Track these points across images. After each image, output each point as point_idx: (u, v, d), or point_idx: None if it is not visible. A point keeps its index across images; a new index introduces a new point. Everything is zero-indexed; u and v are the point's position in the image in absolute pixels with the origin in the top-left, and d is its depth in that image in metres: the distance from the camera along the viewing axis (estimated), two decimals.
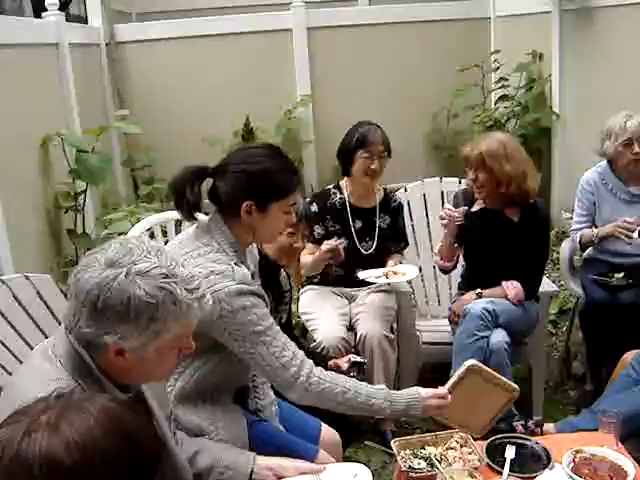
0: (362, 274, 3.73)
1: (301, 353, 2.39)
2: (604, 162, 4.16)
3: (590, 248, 4.28)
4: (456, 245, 3.85)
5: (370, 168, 3.80)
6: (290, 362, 2.32)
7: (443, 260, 3.87)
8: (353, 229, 3.89)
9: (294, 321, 4.29)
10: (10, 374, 2.72)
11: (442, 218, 3.71)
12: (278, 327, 2.39)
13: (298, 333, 4.16)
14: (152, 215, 4.28)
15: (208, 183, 2.48)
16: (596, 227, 4.13)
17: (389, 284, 3.96)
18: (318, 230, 3.88)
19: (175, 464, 1.96)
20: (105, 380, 1.68)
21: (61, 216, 4.66)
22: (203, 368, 2.42)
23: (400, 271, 3.77)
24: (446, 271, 4.02)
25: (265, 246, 3.07)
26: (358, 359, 3.16)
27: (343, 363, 3.11)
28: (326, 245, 3.65)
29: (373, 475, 2.24)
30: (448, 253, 3.84)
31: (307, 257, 3.79)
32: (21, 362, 2.74)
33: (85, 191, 4.54)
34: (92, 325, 1.60)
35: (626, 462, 2.51)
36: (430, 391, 2.50)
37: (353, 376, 2.98)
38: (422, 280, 4.41)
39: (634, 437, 2.99)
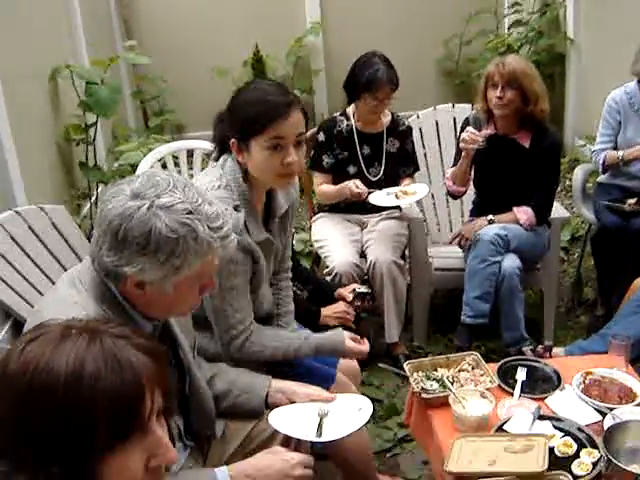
0: (373, 198, 3.73)
1: (249, 320, 2.40)
2: (632, 82, 4.08)
3: (606, 173, 4.24)
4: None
5: (376, 109, 3.79)
6: (235, 325, 2.36)
7: (456, 185, 3.86)
8: (361, 155, 3.86)
9: (307, 249, 4.34)
10: (30, 304, 2.77)
11: (465, 141, 3.66)
12: (247, 287, 2.37)
13: (309, 262, 4.20)
14: (163, 145, 4.28)
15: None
16: (616, 148, 4.09)
17: (400, 209, 3.97)
18: (327, 160, 3.86)
19: (199, 390, 2.01)
20: (130, 309, 1.70)
21: (72, 149, 4.65)
22: None
23: (410, 191, 3.75)
24: (456, 196, 4.01)
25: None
26: (362, 289, 3.15)
27: (347, 294, 3.10)
28: (350, 193, 3.66)
29: (386, 398, 2.31)
30: (463, 178, 3.82)
31: (326, 187, 3.82)
32: (39, 292, 2.79)
33: (95, 123, 4.52)
34: (113, 255, 1.61)
35: (636, 384, 2.55)
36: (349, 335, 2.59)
37: (358, 306, 3.03)
38: (434, 207, 4.41)
39: None
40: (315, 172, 3.88)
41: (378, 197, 3.74)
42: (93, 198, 4.55)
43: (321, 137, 3.89)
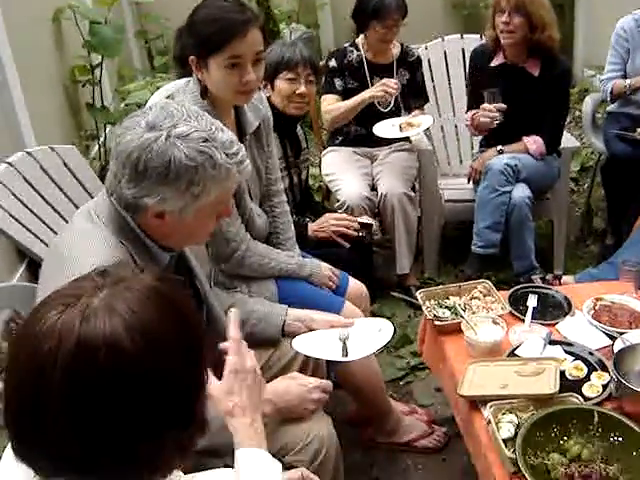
0: (377, 129, 3.72)
1: (243, 232, 2.48)
2: None
3: (615, 103, 4.21)
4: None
5: (385, 37, 3.75)
6: (232, 238, 2.44)
7: (476, 132, 3.86)
8: (371, 86, 3.82)
9: (317, 184, 4.35)
10: (45, 244, 2.80)
11: (482, 124, 3.69)
12: (231, 201, 2.40)
13: (320, 196, 4.22)
14: (170, 83, 4.25)
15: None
16: (626, 77, 4.06)
17: (410, 141, 3.96)
18: (339, 82, 3.83)
19: (217, 319, 2.05)
20: (147, 240, 1.73)
21: (79, 90, 4.63)
22: None
23: (415, 122, 3.73)
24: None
25: (273, 98, 3.03)
26: (365, 220, 3.19)
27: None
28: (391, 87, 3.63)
29: (399, 328, 2.35)
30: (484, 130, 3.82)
31: (337, 104, 3.77)
32: (54, 232, 2.82)
33: (101, 64, 4.49)
34: (133, 187, 1.62)
35: None
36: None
37: (363, 237, 3.07)
38: (443, 139, 4.40)
39: None
40: (326, 95, 3.82)
41: (383, 128, 3.73)
42: (101, 139, 4.55)
43: (332, 63, 3.86)
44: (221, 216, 1.79)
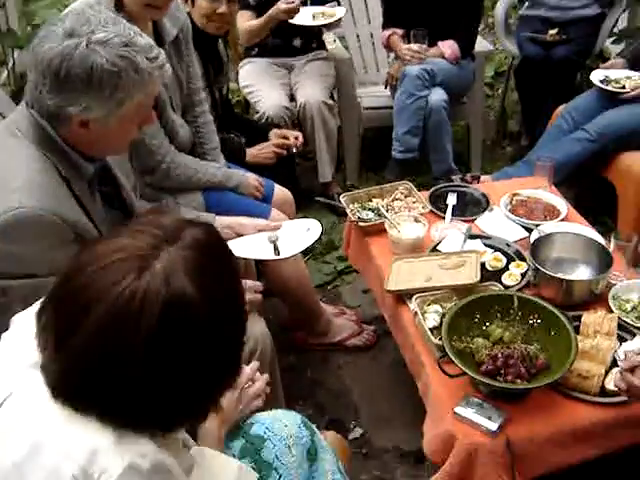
0: (297, 19, 3.67)
1: (166, 144, 2.50)
2: None
3: (526, 5, 4.28)
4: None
5: None
6: (155, 151, 2.46)
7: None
8: None
9: (235, 99, 4.30)
10: None
11: (406, 59, 3.72)
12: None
13: (240, 108, 4.19)
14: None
15: None
16: None
17: (326, 50, 3.96)
18: None
19: None
20: (71, 151, 1.70)
21: None
22: None
23: (329, 12, 3.74)
24: None
25: (193, 15, 2.96)
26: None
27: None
28: (283, 7, 3.55)
29: (324, 235, 2.40)
30: None
31: (250, 23, 3.70)
32: None
33: None
34: (56, 96, 1.60)
35: (559, 201, 2.70)
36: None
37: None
38: (359, 49, 4.38)
39: (565, 183, 3.18)
40: (241, 11, 3.70)
41: (297, 15, 3.68)
42: (10, 64, 4.36)
43: None
44: (144, 123, 1.78)
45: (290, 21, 3.65)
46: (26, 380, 1.13)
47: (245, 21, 3.71)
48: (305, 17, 3.69)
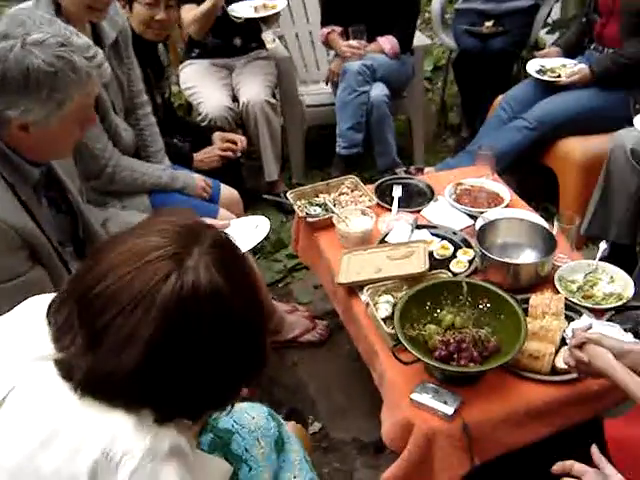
0: (233, 8, 3.66)
1: (110, 147, 2.48)
2: None
3: None
4: None
5: None
6: (100, 155, 2.45)
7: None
8: None
9: (177, 102, 4.27)
10: None
11: (345, 54, 3.76)
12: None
13: (183, 111, 4.17)
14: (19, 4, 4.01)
15: None
16: None
17: (267, 49, 3.96)
18: None
19: (94, 234, 2.03)
20: (13, 156, 1.68)
21: None
22: None
23: (270, 4, 3.74)
24: None
25: (131, 21, 2.91)
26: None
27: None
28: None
29: (272, 234, 2.41)
30: None
31: (194, 12, 3.60)
32: None
33: None
34: None
35: (502, 189, 2.75)
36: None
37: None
38: (299, 48, 4.40)
39: (507, 171, 3.24)
40: (184, 5, 3.58)
41: (239, 8, 3.68)
42: None
43: None
44: (86, 124, 1.77)
45: (232, 14, 3.64)
46: (31, 373, 1.14)
47: (189, 13, 3.65)
48: (246, 10, 3.68)
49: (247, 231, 2.25)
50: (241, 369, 1.18)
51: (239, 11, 3.66)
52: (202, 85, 3.73)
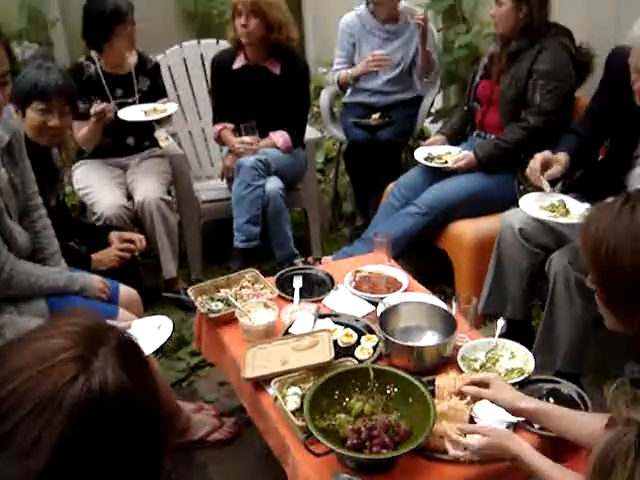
0: (123, 113, 3.68)
1: (5, 251, 2.43)
2: (362, 5, 4.34)
3: (348, 93, 4.51)
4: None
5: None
6: None
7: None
8: (113, 98, 3.77)
9: (70, 203, 4.21)
10: None
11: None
12: None
13: (76, 212, 4.10)
14: None
15: None
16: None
17: (160, 147, 3.99)
18: (81, 105, 3.63)
19: None
20: None
21: None
22: None
23: (160, 108, 3.77)
24: None
25: (24, 126, 2.88)
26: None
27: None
28: (92, 111, 3.55)
29: (174, 330, 2.37)
30: None
31: (82, 131, 3.65)
32: None
33: None
34: None
35: (400, 274, 2.82)
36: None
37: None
38: (193, 145, 4.45)
39: (402, 256, 3.32)
40: (74, 122, 3.53)
41: (129, 112, 3.71)
42: None
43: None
44: None
45: (123, 118, 3.66)
46: None
47: (80, 130, 3.67)
48: (137, 114, 3.72)
49: (150, 332, 2.22)
50: (144, 470, 1.14)
51: (129, 116, 3.69)
52: (96, 185, 3.69)
